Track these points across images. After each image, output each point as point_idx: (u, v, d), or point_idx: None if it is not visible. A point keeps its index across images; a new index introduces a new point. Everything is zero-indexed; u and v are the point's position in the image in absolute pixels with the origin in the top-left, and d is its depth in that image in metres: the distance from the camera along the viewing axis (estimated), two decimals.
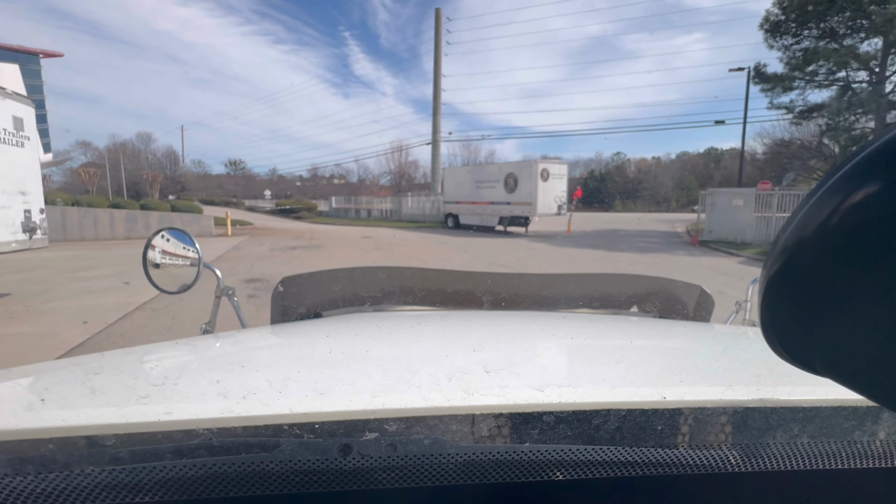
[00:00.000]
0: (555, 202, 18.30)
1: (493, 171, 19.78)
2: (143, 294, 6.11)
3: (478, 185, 20.37)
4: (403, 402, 0.51)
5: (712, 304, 1.36)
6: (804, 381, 0.54)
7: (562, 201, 18.53)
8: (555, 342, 0.90)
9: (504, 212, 19.07)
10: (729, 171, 56.75)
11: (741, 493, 0.56)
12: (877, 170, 0.20)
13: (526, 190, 17.93)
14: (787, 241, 0.23)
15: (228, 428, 0.48)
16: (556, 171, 18.19)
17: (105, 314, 5.28)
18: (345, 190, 51.96)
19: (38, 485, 0.41)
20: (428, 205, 27.26)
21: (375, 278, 1.30)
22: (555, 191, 18.25)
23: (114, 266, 8.90)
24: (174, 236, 1.15)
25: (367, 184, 57.51)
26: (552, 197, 18.21)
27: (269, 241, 14.85)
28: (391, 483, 0.47)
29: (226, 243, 14.10)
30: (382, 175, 52.89)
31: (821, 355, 0.24)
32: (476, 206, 20.57)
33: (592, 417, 0.53)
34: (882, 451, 0.53)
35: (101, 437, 0.46)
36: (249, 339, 0.93)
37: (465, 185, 21.21)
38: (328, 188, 57.99)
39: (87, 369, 0.65)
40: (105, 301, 5.97)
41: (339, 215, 35.41)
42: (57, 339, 4.43)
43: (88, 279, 7.53)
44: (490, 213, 19.85)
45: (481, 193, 20.20)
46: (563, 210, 18.58)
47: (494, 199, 19.50)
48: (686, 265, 10.76)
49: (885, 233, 0.19)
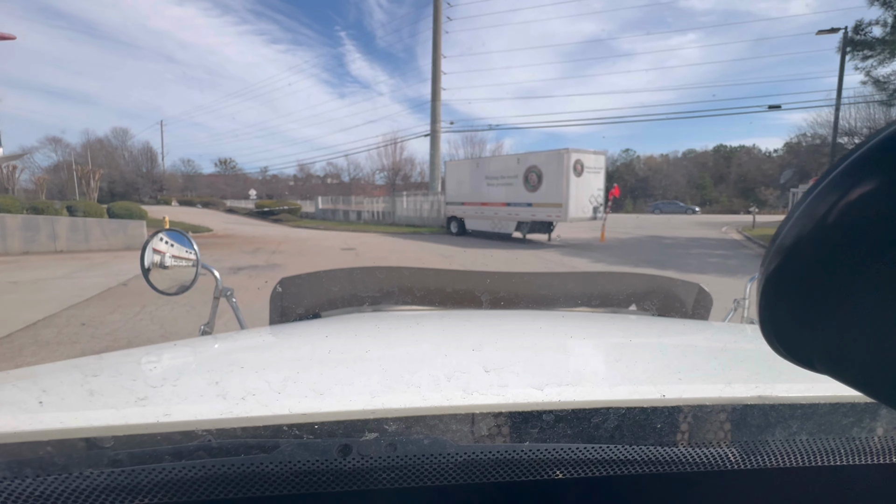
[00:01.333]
0: (590, 203, 14.32)
1: (509, 164, 15.66)
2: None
3: (489, 182, 16.34)
4: (403, 402, 0.51)
5: (710, 301, 1.38)
6: (802, 378, 0.57)
7: (598, 202, 14.55)
8: (554, 341, 0.90)
9: (524, 215, 15.04)
10: (744, 170, 53.44)
11: (740, 491, 0.56)
12: (874, 167, 0.20)
13: (554, 188, 13.92)
14: (786, 238, 0.23)
15: (227, 429, 0.47)
16: (591, 164, 14.19)
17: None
18: (337, 190, 47.74)
19: (36, 487, 0.41)
20: (426, 206, 23.19)
21: (374, 278, 1.29)
22: (590, 188, 14.26)
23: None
24: (172, 238, 1.17)
25: (362, 183, 53.27)
26: (587, 196, 14.22)
27: (209, 260, 10.81)
28: (391, 483, 0.47)
29: (125, 268, 9.09)
30: (375, 172, 48.18)
31: (819, 352, 0.24)
32: (487, 207, 16.53)
33: (592, 416, 0.53)
34: (880, 447, 0.54)
35: (100, 439, 0.46)
36: (248, 340, 0.92)
37: (472, 182, 17.17)
38: (321, 188, 53.97)
39: (86, 371, 0.65)
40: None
41: (325, 217, 31.34)
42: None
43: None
44: (505, 217, 15.82)
45: (493, 192, 16.17)
46: (599, 213, 14.61)
47: (511, 198, 15.48)
48: None
49: (882, 230, 0.19)
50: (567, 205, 13.63)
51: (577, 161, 13.68)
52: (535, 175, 14.55)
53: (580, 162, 13.79)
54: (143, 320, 5.24)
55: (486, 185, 16.42)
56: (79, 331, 4.83)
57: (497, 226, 16.28)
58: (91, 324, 5.10)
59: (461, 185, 17.80)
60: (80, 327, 4.95)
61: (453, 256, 11.58)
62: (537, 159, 14.56)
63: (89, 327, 4.97)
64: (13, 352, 4.19)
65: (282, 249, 13.43)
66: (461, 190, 17.80)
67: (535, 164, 14.60)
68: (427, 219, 22.96)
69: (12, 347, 4.30)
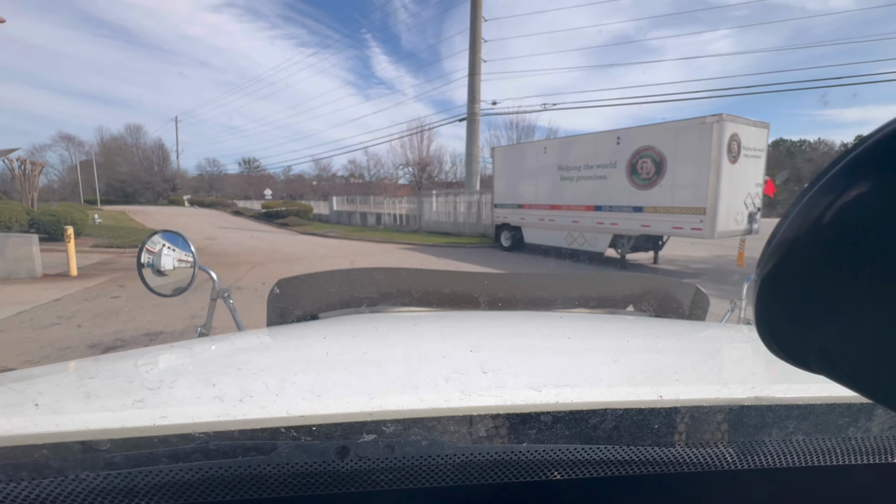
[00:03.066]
0: (745, 206, 8.81)
1: (601, 145, 10.15)
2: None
3: (566, 175, 10.99)
4: (401, 404, 0.51)
5: (707, 302, 1.37)
6: (799, 378, 0.57)
7: (756, 205, 9.03)
8: (551, 342, 0.90)
9: (627, 225, 9.64)
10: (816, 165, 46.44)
11: (738, 491, 0.57)
12: (869, 168, 0.20)
13: (689, 181, 8.46)
14: (782, 239, 0.23)
15: (225, 431, 0.47)
16: (751, 142, 8.67)
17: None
18: (359, 190, 42.79)
19: (32, 490, 0.40)
20: (462, 208, 18.00)
21: (372, 279, 1.29)
22: (748, 182, 8.75)
23: None
24: (168, 240, 1.16)
25: (385, 183, 48.21)
26: (743, 195, 8.72)
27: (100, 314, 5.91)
28: (389, 485, 0.47)
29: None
30: (398, 167, 42.07)
31: (815, 353, 0.24)
32: (560, 212, 11.18)
33: (589, 417, 0.53)
34: (876, 446, 0.54)
35: (96, 441, 0.46)
36: (245, 342, 0.90)
37: (535, 176, 11.86)
38: (343, 188, 49.50)
39: (82, 374, 0.64)
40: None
41: (340, 220, 26.57)
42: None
43: None
44: (592, 228, 10.42)
45: (573, 190, 10.81)
46: (755, 222, 9.07)
47: (604, 199, 10.08)
48: None
49: (878, 230, 0.19)
50: (715, 210, 8.15)
51: (732, 137, 8.19)
52: (650, 161, 9.11)
53: (737, 139, 8.29)
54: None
55: (561, 178, 11.09)
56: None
57: (577, 240, 10.90)
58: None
59: (518, 179, 12.51)
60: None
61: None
62: (655, 135, 9.07)
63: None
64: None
65: (258, 273, 8.61)
66: (518, 187, 12.52)
67: (650, 144, 9.14)
68: (463, 225, 17.76)
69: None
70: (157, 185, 54.21)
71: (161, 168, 57.41)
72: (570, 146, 11.07)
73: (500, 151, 13.43)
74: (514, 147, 13.95)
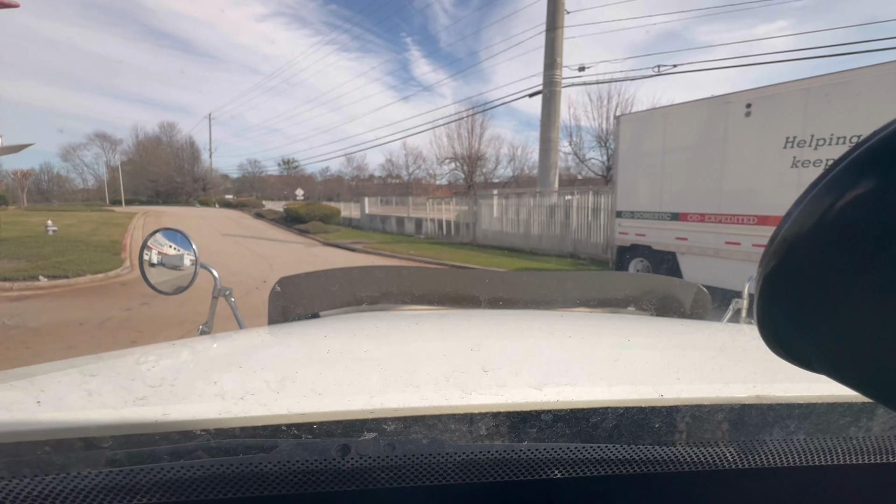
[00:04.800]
0: None
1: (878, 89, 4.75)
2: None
3: (804, 159, 5.48)
4: (402, 402, 0.51)
5: (709, 301, 1.38)
6: (800, 377, 0.56)
7: None
8: (552, 341, 0.89)
9: None
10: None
11: (738, 490, 0.57)
12: (872, 167, 0.20)
13: None
14: (784, 238, 0.23)
15: (226, 429, 0.48)
16: None
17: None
18: (396, 191, 37.97)
19: (34, 487, 0.41)
20: (538, 215, 12.68)
21: (373, 278, 1.30)
22: None
23: None
24: (170, 238, 1.17)
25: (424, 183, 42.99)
26: None
27: None
28: (390, 483, 0.47)
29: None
30: (442, 162, 35.10)
31: (817, 352, 0.24)
32: None
33: (590, 416, 0.54)
34: (877, 446, 0.54)
35: (98, 438, 0.46)
36: (247, 340, 0.91)
37: (715, 163, 6.43)
38: (380, 188, 45.17)
39: (84, 371, 0.64)
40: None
41: (373, 226, 21.86)
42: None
43: None
44: None
45: None
46: None
47: None
48: None
49: (880, 230, 0.19)
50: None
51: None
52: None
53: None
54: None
55: (792, 164, 5.59)
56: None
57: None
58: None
59: (673, 170, 7.12)
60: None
61: None
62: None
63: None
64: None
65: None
66: (672, 182, 7.13)
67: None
68: (540, 239, 12.43)
69: None
70: (188, 184, 52.17)
71: (191, 167, 55.45)
72: (821, 97, 5.47)
73: (634, 121, 7.91)
74: (665, 112, 7.67)
